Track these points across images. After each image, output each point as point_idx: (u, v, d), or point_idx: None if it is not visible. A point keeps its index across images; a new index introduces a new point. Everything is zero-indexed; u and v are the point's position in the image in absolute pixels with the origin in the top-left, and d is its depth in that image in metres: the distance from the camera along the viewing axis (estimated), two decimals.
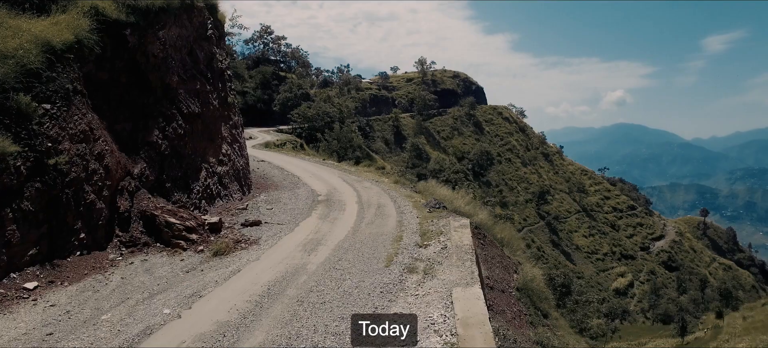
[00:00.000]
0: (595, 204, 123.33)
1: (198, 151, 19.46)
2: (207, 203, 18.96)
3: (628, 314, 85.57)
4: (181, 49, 19.78)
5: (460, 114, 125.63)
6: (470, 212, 18.66)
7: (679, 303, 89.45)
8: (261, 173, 30.58)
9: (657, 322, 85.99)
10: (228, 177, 21.48)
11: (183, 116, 18.54)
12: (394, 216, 17.73)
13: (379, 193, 23.44)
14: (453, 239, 13.31)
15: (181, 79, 19.17)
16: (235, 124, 24.43)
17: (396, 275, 10.91)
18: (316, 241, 14.59)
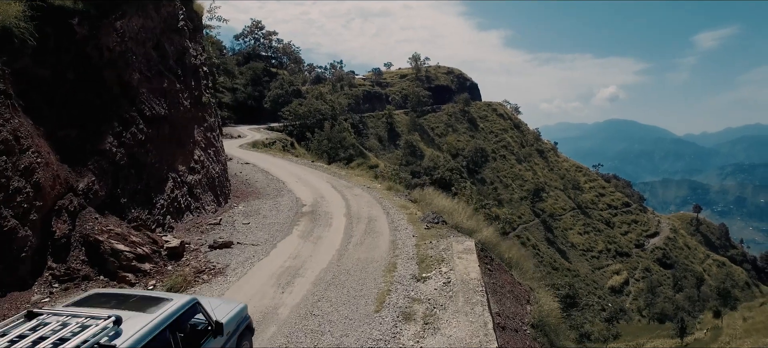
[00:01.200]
0: (590, 201, 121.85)
1: (164, 159, 17.11)
2: (173, 219, 16.62)
3: (624, 313, 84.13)
4: (145, 42, 17.39)
5: (455, 110, 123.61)
6: (473, 227, 16.47)
7: (675, 301, 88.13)
8: (243, 178, 28.24)
9: (654, 321, 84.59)
10: (200, 187, 19.13)
11: (145, 119, 16.17)
12: (387, 234, 15.49)
13: (371, 202, 21.18)
14: (457, 269, 11.10)
15: (144, 77, 16.79)
16: (211, 126, 22.04)
17: (388, 325, 8.68)
18: (294, 270, 12.32)
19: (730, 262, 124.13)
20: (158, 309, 6.34)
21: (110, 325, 5.60)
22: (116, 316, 5.71)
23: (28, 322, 5.62)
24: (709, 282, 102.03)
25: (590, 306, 58.42)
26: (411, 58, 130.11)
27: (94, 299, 6.62)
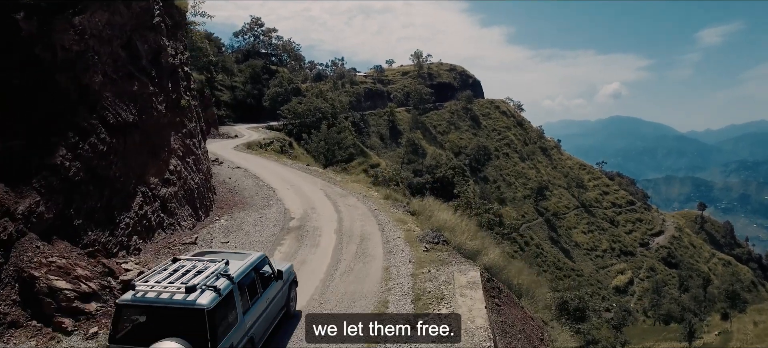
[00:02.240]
0: (594, 199, 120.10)
1: (132, 171, 15.31)
2: (142, 239, 14.84)
3: (629, 314, 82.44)
4: (112, 40, 15.57)
5: (457, 108, 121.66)
6: (477, 248, 14.68)
7: (681, 302, 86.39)
8: (231, 185, 26.46)
9: (659, 323, 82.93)
10: (176, 200, 17.34)
11: (108, 127, 14.37)
12: (380, 258, 13.70)
13: (365, 215, 19.37)
14: (461, 311, 9.31)
15: (108, 79, 14.98)
16: (191, 132, 20.23)
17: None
18: None
19: (735, 260, 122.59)
20: (246, 258, 9.82)
21: (223, 264, 8.92)
22: (227, 259, 9.16)
23: (174, 264, 8.90)
24: (715, 282, 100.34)
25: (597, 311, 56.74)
26: (413, 55, 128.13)
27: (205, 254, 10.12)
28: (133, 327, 7.85)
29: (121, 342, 7.69)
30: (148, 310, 7.79)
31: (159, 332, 7.46)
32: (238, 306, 8.54)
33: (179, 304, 7.66)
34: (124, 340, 7.72)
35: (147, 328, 7.70)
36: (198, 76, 58.72)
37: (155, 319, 7.69)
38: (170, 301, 7.69)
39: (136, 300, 7.83)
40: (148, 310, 7.81)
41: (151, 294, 7.84)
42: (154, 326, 7.61)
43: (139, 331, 7.72)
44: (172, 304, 7.68)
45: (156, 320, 7.67)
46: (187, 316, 7.57)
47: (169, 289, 7.85)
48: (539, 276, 23.32)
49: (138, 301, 7.81)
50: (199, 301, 7.67)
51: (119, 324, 7.80)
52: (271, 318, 9.89)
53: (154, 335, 7.44)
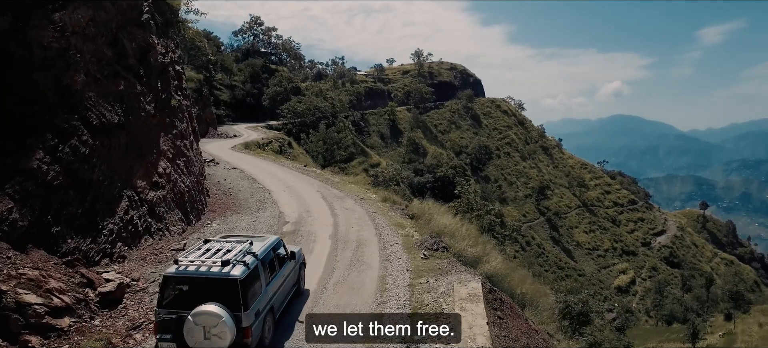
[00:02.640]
0: (596, 198, 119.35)
1: (117, 175, 14.62)
2: (127, 245, 14.14)
3: (631, 314, 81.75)
4: (96, 38, 14.89)
5: (458, 107, 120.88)
6: (478, 255, 13.98)
7: (684, 302, 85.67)
8: (226, 187, 25.78)
9: (662, 323, 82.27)
10: (165, 204, 16.64)
11: (91, 128, 13.69)
12: (377, 266, 13.01)
13: (362, 219, 18.67)
14: (461, 326, 8.61)
15: (92, 79, 14.30)
16: (182, 133, 19.53)
17: None
18: None
19: (738, 260, 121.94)
20: (265, 240, 11.06)
21: (248, 244, 10.26)
22: (251, 240, 10.60)
23: (205, 244, 10.21)
24: (718, 282, 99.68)
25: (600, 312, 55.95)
26: (413, 54, 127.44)
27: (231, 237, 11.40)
28: (177, 295, 9.17)
29: (166, 307, 9.04)
30: (191, 280, 9.15)
31: (200, 299, 8.82)
32: (262, 279, 9.94)
33: (216, 275, 9.09)
34: (169, 305, 9.08)
35: (189, 295, 9.02)
36: (196, 76, 58.14)
37: (196, 288, 9.04)
38: (209, 273, 9.13)
39: (179, 273, 9.22)
40: (190, 281, 9.16)
41: (192, 267, 9.26)
42: (196, 294, 8.95)
43: (182, 298, 9.05)
44: (211, 276, 9.11)
45: (197, 289, 9.02)
46: (223, 285, 9.00)
47: (207, 263, 9.29)
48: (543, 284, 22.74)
49: (181, 273, 9.21)
50: (232, 272, 9.10)
51: (165, 293, 9.17)
52: (286, 292, 11.34)
53: (196, 301, 8.80)
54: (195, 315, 8.64)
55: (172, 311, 8.93)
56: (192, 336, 8.66)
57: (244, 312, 8.94)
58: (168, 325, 8.87)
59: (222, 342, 8.65)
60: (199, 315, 8.63)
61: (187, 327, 8.66)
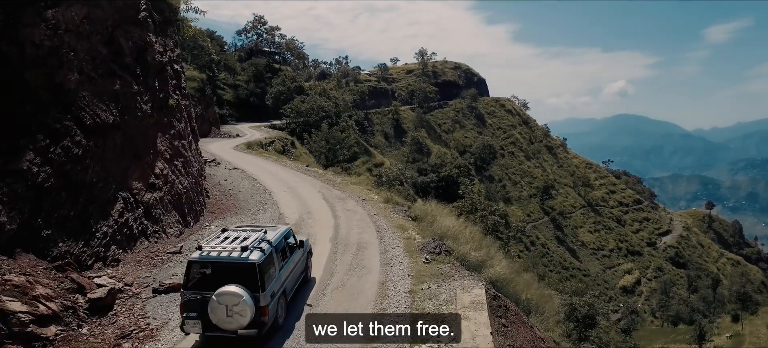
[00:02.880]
0: (601, 198, 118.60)
1: (112, 176, 14.28)
2: (121, 248, 13.80)
3: (636, 314, 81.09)
4: (91, 36, 14.55)
5: (462, 106, 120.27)
6: (482, 259, 13.56)
7: (690, 303, 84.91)
8: (226, 187, 25.43)
9: (668, 324, 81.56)
10: (161, 206, 16.29)
11: (85, 129, 13.35)
12: (377, 270, 12.63)
13: (364, 220, 18.28)
14: (463, 337, 8.22)
15: (86, 78, 13.96)
16: (180, 133, 19.17)
17: None
18: None
19: (744, 260, 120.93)
20: (277, 230, 11.92)
21: (262, 233, 11.07)
22: (265, 229, 11.51)
23: (223, 233, 11.08)
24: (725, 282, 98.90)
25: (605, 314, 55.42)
26: (417, 53, 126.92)
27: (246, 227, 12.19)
28: (200, 278, 9.99)
29: (191, 289, 9.82)
30: (213, 264, 9.97)
31: (221, 281, 9.61)
32: (276, 264, 10.82)
33: (237, 260, 9.91)
34: (193, 287, 9.86)
35: (212, 278, 9.82)
36: (199, 75, 57.82)
37: (218, 271, 9.83)
38: (229, 257, 9.95)
39: (202, 258, 10.03)
40: (213, 265, 9.98)
41: (214, 253, 10.10)
42: (218, 277, 9.75)
43: (206, 281, 9.87)
44: (232, 260, 9.92)
45: (219, 272, 9.82)
46: (243, 269, 9.80)
47: (227, 249, 10.15)
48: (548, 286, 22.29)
49: (204, 258, 10.03)
50: (251, 257, 9.93)
51: (190, 276, 9.93)
52: (296, 277, 12.21)
53: (218, 283, 9.61)
54: (218, 295, 9.43)
55: (196, 292, 9.71)
56: (216, 314, 9.46)
57: (261, 293, 9.75)
58: (193, 304, 9.65)
59: (242, 319, 9.46)
60: (222, 295, 9.42)
61: (211, 306, 9.44)
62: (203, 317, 9.57)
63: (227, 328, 9.52)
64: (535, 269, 75.73)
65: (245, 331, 9.55)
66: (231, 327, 9.51)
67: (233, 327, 9.50)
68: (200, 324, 9.61)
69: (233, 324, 9.48)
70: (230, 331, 9.57)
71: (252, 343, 9.89)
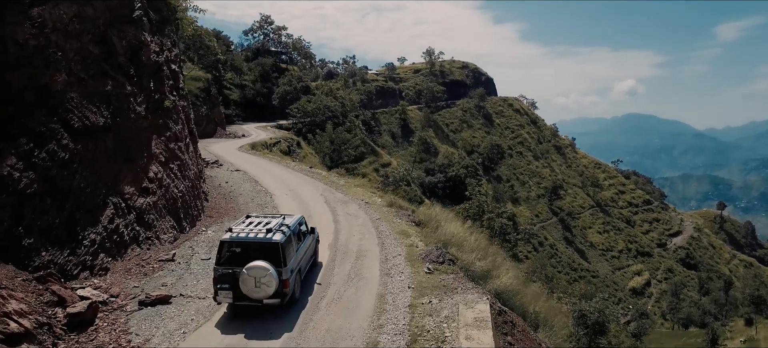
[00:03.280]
0: (610, 199, 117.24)
1: (102, 181, 13.72)
2: (111, 256, 13.23)
3: (646, 317, 79.85)
4: (81, 35, 14.01)
5: (470, 106, 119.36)
6: (488, 269, 12.87)
7: (701, 306, 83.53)
8: (227, 190, 24.88)
9: (679, 327, 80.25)
10: (155, 211, 15.72)
11: (73, 132, 12.80)
12: (376, 281, 11.99)
13: (365, 226, 17.64)
14: None
15: (75, 78, 13.42)
16: (176, 135, 18.60)
17: None
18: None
19: (757, 262, 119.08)
20: (293, 217, 13.54)
21: (281, 218, 12.86)
22: (284, 215, 13.44)
23: (247, 219, 12.91)
24: (737, 284, 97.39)
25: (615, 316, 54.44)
26: (425, 53, 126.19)
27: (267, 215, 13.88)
28: (231, 255, 11.51)
29: (223, 265, 11.29)
30: (243, 244, 11.53)
31: (249, 258, 11.14)
32: (294, 245, 12.31)
33: (263, 239, 11.43)
34: (225, 263, 11.34)
35: (241, 255, 11.38)
36: (204, 75, 57.36)
37: (247, 250, 11.38)
38: (256, 238, 11.49)
39: (233, 238, 11.62)
40: (242, 244, 11.55)
41: (243, 234, 11.71)
42: (246, 254, 11.31)
43: (236, 258, 11.41)
44: (259, 240, 11.44)
45: (247, 250, 11.37)
46: (268, 247, 11.32)
47: (254, 231, 11.75)
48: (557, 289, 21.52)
49: (235, 239, 11.62)
50: (274, 238, 11.46)
51: (222, 254, 11.48)
52: (308, 259, 13.69)
53: (246, 260, 11.13)
54: (249, 269, 10.87)
55: (227, 268, 11.18)
56: (246, 285, 10.89)
57: (283, 267, 11.20)
58: (225, 278, 11.08)
59: (268, 290, 10.88)
60: (251, 268, 10.86)
61: (242, 278, 10.88)
62: (234, 288, 10.95)
63: (255, 297, 10.93)
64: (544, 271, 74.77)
65: (270, 300, 10.94)
66: (258, 296, 10.91)
67: (260, 296, 10.91)
68: (231, 294, 11.02)
69: (260, 293, 10.89)
70: (257, 300, 10.95)
71: (274, 311, 11.13)
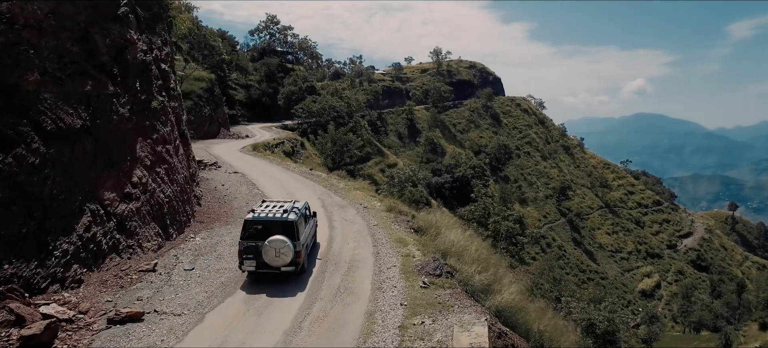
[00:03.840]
0: (619, 199, 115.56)
1: (78, 186, 12.92)
2: (86, 267, 12.43)
3: (656, 320, 78.32)
4: (59, 32, 13.23)
5: (477, 106, 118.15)
6: (488, 283, 11.92)
7: (713, 309, 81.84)
8: (222, 194, 24.04)
9: (690, 330, 78.68)
10: (138, 218, 14.91)
11: (46, 135, 12.02)
12: (366, 297, 11.10)
13: (361, 233, 16.78)
14: None
15: (50, 78, 12.64)
16: (164, 137, 17.78)
17: None
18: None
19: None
20: (300, 202, 15.69)
21: (292, 203, 14.90)
22: (293, 201, 15.46)
23: (263, 203, 15.10)
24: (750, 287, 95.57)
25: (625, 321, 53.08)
26: (432, 53, 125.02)
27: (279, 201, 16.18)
28: (253, 232, 13.56)
29: (247, 239, 13.45)
30: (263, 222, 13.67)
31: (269, 233, 13.32)
32: (302, 224, 14.37)
33: (280, 218, 13.67)
34: (248, 238, 13.48)
35: (262, 231, 13.48)
36: (207, 75, 56.71)
37: (267, 227, 13.53)
38: (275, 217, 13.75)
39: (255, 218, 13.81)
40: (263, 222, 13.66)
41: (263, 214, 14.00)
42: (266, 230, 13.45)
43: (257, 233, 13.50)
44: (277, 219, 13.68)
45: (267, 227, 13.52)
46: (285, 224, 13.54)
47: (272, 212, 14.09)
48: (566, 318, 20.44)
49: (257, 218, 13.81)
50: (290, 217, 13.75)
51: (246, 231, 13.59)
52: (311, 237, 15.69)
53: (266, 235, 13.34)
54: (270, 241, 13.15)
55: (250, 242, 13.42)
56: (267, 255, 13.14)
57: (297, 241, 13.49)
58: (250, 250, 13.34)
59: (286, 258, 13.12)
60: (272, 241, 13.13)
61: (264, 249, 13.16)
62: (257, 258, 13.23)
63: (274, 265, 13.17)
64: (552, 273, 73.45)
65: (287, 267, 13.20)
66: (277, 264, 13.15)
67: (279, 264, 13.15)
68: (254, 263, 13.30)
69: (279, 262, 13.13)
70: (275, 268, 13.19)
71: (288, 277, 13.26)
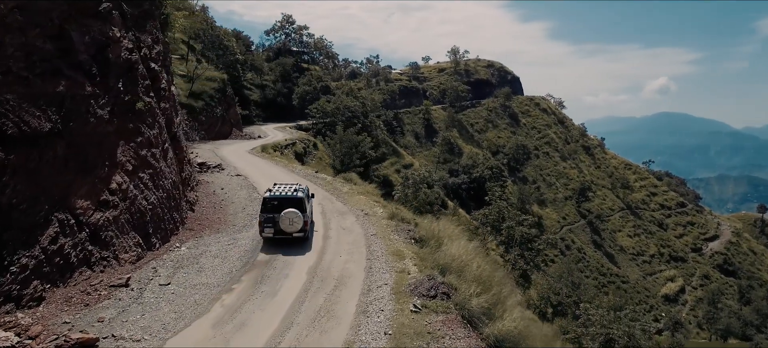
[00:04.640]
0: (641, 201, 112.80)
1: (45, 194, 11.95)
2: (49, 283, 11.44)
3: (681, 326, 75.85)
4: (27, 29, 12.27)
5: (495, 105, 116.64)
6: (489, 306, 10.62)
7: (742, 316, 78.96)
8: (219, 199, 23.07)
9: (717, 338, 76.08)
10: (116, 227, 13.92)
11: (6, 139, 11.06)
12: (347, 323, 9.86)
13: (357, 243, 15.80)
14: None
15: (15, 78, 11.70)
16: (150, 140, 16.80)
17: None
18: None
19: None
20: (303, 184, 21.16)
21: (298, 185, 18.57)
22: (299, 184, 19.70)
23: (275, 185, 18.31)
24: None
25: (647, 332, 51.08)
26: (449, 52, 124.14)
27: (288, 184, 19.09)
28: (271, 206, 16.32)
29: (265, 212, 16.24)
30: (279, 198, 16.54)
31: (284, 207, 16.19)
32: (307, 201, 17.43)
33: (292, 195, 16.72)
34: (267, 211, 16.26)
35: (278, 205, 16.28)
36: (220, 75, 56.14)
37: (282, 202, 16.37)
38: (288, 194, 16.78)
39: (272, 196, 16.70)
40: (278, 199, 16.51)
41: (278, 192, 16.99)
42: (282, 204, 16.30)
43: (274, 207, 16.30)
44: (290, 196, 16.69)
45: (282, 202, 16.37)
46: (296, 200, 16.53)
47: (284, 191, 17.13)
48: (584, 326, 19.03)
49: (274, 195, 16.70)
50: (299, 194, 16.85)
51: (265, 206, 16.37)
52: (312, 213, 18.86)
53: (282, 208, 16.20)
54: (286, 213, 15.86)
55: (269, 214, 16.08)
56: (283, 223, 15.85)
57: (306, 213, 16.29)
58: (269, 220, 16.04)
59: (297, 226, 15.92)
60: (287, 212, 15.85)
61: (280, 219, 15.86)
62: (275, 226, 15.93)
63: (288, 231, 15.93)
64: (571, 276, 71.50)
65: (298, 233, 16.03)
66: (290, 230, 15.93)
67: (291, 230, 15.94)
68: (272, 230, 16.02)
69: (292, 228, 15.93)
70: (289, 233, 15.97)
71: (298, 241, 16.12)
